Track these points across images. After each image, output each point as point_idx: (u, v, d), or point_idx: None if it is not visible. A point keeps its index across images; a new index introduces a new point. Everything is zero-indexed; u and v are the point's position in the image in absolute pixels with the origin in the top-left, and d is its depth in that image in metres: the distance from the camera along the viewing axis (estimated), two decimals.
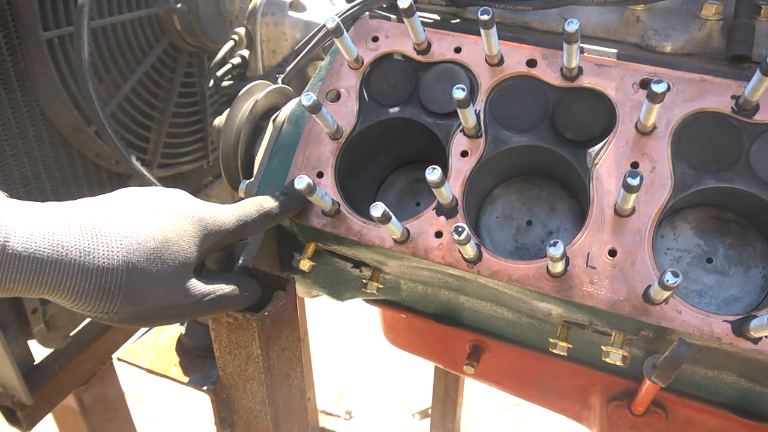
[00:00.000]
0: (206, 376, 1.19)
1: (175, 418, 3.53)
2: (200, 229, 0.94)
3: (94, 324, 1.73)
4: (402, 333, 1.61)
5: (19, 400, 1.50)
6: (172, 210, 0.92)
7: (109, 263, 0.83)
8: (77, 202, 0.88)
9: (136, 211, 0.89)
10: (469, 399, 3.42)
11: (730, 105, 0.99)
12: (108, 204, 0.89)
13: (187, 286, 0.91)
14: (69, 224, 0.82)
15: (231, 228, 0.98)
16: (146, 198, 0.93)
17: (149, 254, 0.86)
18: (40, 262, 0.78)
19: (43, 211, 0.82)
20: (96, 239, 0.83)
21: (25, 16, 1.38)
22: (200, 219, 0.94)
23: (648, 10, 1.14)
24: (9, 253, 0.75)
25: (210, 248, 0.97)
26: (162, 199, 0.93)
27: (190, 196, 0.98)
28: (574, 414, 1.45)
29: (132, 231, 0.86)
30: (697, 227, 1.08)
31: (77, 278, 0.81)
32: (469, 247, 0.97)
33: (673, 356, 0.87)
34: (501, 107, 1.09)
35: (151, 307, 0.88)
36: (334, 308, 4.00)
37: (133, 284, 0.85)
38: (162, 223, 0.89)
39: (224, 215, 0.98)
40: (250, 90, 1.30)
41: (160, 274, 0.87)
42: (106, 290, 0.83)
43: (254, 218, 1.02)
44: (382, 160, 1.26)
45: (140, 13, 1.68)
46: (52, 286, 0.80)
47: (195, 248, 0.92)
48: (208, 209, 0.97)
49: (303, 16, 1.47)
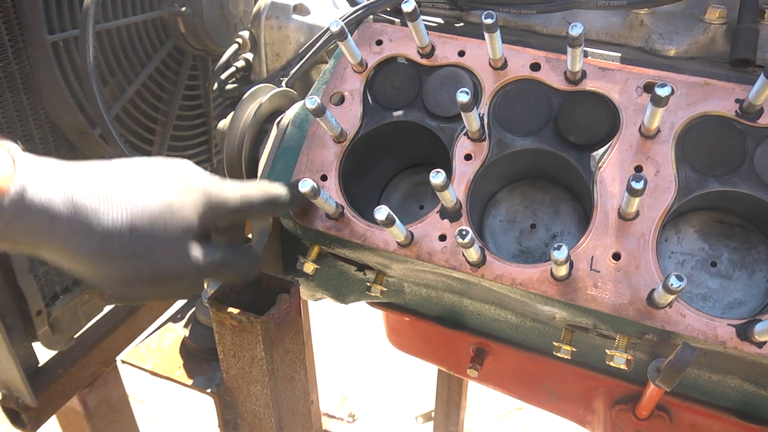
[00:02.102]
0: (210, 378, 1.19)
1: (178, 420, 3.53)
2: (204, 199, 0.96)
3: (99, 326, 1.73)
4: (405, 336, 1.61)
5: (24, 402, 1.50)
6: (178, 179, 0.95)
7: (114, 226, 0.85)
8: (89, 163, 0.90)
9: (144, 177, 0.92)
10: (472, 402, 3.41)
11: (734, 109, 0.99)
12: (118, 169, 0.91)
13: (189, 252, 0.93)
14: (82, 183, 0.84)
15: (235, 205, 1.00)
16: (154, 166, 0.95)
17: (153, 219, 0.89)
18: (53, 217, 0.80)
19: (58, 167, 0.84)
20: (105, 201, 0.85)
21: (30, 20, 1.39)
22: (204, 191, 0.97)
23: (652, 13, 1.14)
24: (26, 203, 0.77)
25: (212, 221, 0.99)
26: (169, 168, 0.96)
27: (198, 168, 1.00)
28: (577, 418, 1.44)
29: (138, 196, 0.89)
30: (701, 231, 1.08)
31: (84, 236, 0.83)
32: (473, 250, 0.97)
33: (678, 360, 0.87)
34: (505, 111, 1.10)
35: (152, 272, 0.90)
36: (338, 311, 3.99)
37: (136, 247, 0.87)
38: (167, 191, 0.92)
39: (229, 191, 1.00)
40: (254, 93, 1.31)
41: (162, 239, 0.90)
42: (109, 251, 0.85)
43: (259, 201, 1.03)
44: (385, 164, 1.26)
45: (144, 17, 1.68)
46: (59, 242, 0.82)
47: (196, 217, 0.95)
48: (213, 183, 0.99)
49: (307, 20, 1.47)
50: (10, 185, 0.76)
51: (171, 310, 1.54)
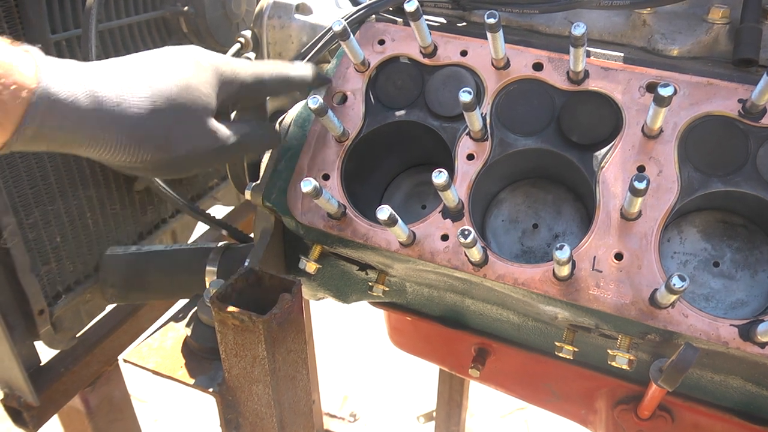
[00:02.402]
0: (212, 378, 1.19)
1: (180, 420, 3.53)
2: (217, 75, 1.00)
3: (101, 326, 1.73)
4: (407, 336, 1.61)
5: (26, 401, 1.50)
6: (191, 61, 0.99)
7: (138, 112, 0.89)
8: (103, 61, 0.94)
9: (159, 64, 0.96)
10: (474, 402, 3.41)
11: (737, 109, 0.99)
12: (131, 61, 0.96)
13: (211, 129, 0.98)
14: (101, 76, 0.88)
15: (247, 79, 1.04)
16: (167, 53, 0.99)
17: (172, 101, 0.93)
18: (80, 111, 0.84)
19: (77, 65, 0.87)
20: (126, 90, 0.89)
21: (33, 19, 1.39)
22: (216, 67, 1.01)
23: (654, 13, 1.14)
24: (53, 99, 0.81)
25: (229, 97, 1.03)
26: (181, 52, 1.00)
27: (207, 50, 1.04)
28: (579, 418, 1.44)
29: (155, 81, 0.93)
30: (703, 231, 1.08)
31: (112, 128, 0.87)
32: (475, 250, 0.97)
33: (680, 360, 0.87)
34: (507, 110, 1.09)
35: (181, 152, 0.94)
36: (339, 311, 4.00)
37: (161, 130, 0.91)
38: (182, 72, 0.96)
39: (240, 67, 1.04)
40: None
41: (185, 119, 0.94)
42: (138, 138, 0.90)
43: (272, 76, 1.07)
44: (388, 163, 1.26)
45: (147, 16, 1.68)
46: (90, 136, 0.86)
47: (213, 93, 0.99)
48: (224, 60, 1.04)
49: (309, 19, 1.47)
50: (37, 86, 0.80)
51: (173, 309, 1.54)
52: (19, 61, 0.80)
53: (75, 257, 1.59)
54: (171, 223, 1.91)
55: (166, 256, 1.47)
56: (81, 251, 1.61)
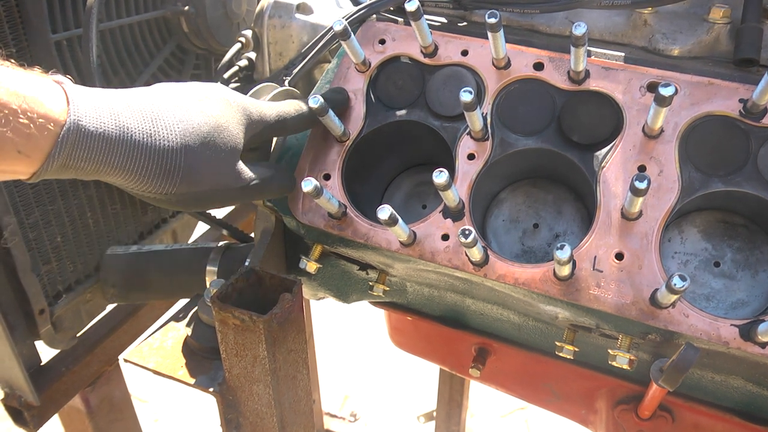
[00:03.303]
0: (212, 377, 1.19)
1: (180, 419, 3.53)
2: (245, 116, 1.01)
3: (101, 325, 1.73)
4: (408, 335, 1.61)
5: (26, 401, 1.50)
6: (219, 98, 0.99)
7: (169, 145, 0.90)
8: (134, 90, 0.94)
9: (188, 98, 0.96)
10: (474, 402, 3.41)
11: (738, 108, 0.99)
12: (163, 92, 0.96)
13: (237, 169, 0.99)
14: (132, 109, 0.88)
15: (272, 120, 1.05)
16: (194, 88, 0.99)
17: (204, 138, 0.93)
18: (109, 141, 0.84)
19: (107, 96, 0.88)
20: (156, 123, 0.89)
21: (34, 19, 1.39)
22: (245, 107, 1.01)
23: (655, 13, 1.14)
24: (83, 132, 0.82)
25: (253, 137, 1.03)
26: (209, 89, 1.00)
27: (232, 90, 1.05)
28: (579, 418, 1.44)
29: (187, 116, 0.93)
30: (704, 231, 1.08)
31: (141, 159, 0.88)
32: (476, 250, 0.97)
33: (681, 360, 0.87)
34: (508, 110, 1.09)
35: (206, 189, 0.95)
36: (340, 310, 4.00)
37: (190, 166, 0.92)
38: (212, 109, 0.96)
39: (266, 107, 1.05)
40: (257, 92, 1.30)
41: (214, 158, 0.95)
42: (166, 171, 0.90)
43: (293, 115, 1.08)
44: (388, 163, 1.26)
45: (148, 16, 1.68)
46: (119, 166, 0.87)
47: (242, 134, 1.00)
48: (250, 100, 1.04)
49: (310, 19, 1.47)
50: (67, 118, 0.81)
51: (173, 309, 1.54)
52: (47, 94, 0.80)
53: (75, 257, 1.59)
54: (171, 222, 1.91)
55: (167, 255, 1.47)
56: (81, 251, 1.61)
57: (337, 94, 1.16)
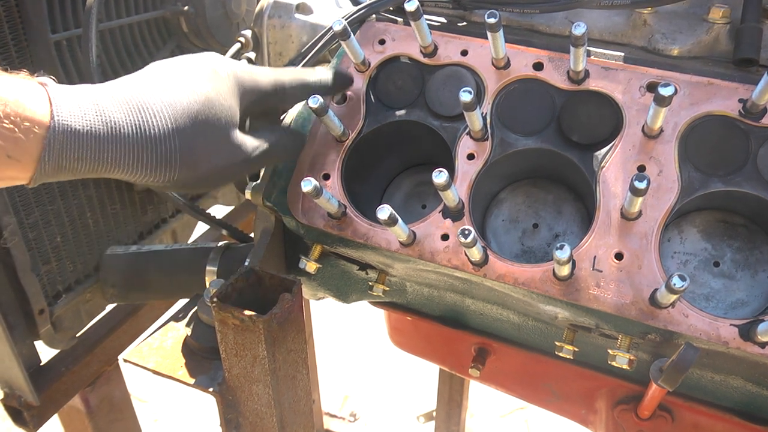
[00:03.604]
0: (212, 377, 1.19)
1: (180, 419, 3.53)
2: (237, 85, 0.97)
3: (101, 325, 1.73)
4: (407, 335, 1.61)
5: (26, 401, 1.50)
6: (208, 71, 0.95)
7: (160, 132, 0.87)
8: (119, 80, 0.92)
9: (175, 78, 0.93)
10: (474, 402, 3.41)
11: (738, 108, 0.99)
12: (147, 77, 0.93)
13: (236, 143, 0.96)
14: (117, 101, 0.86)
15: (267, 87, 1.02)
16: (181, 65, 0.96)
17: (195, 117, 0.90)
18: (98, 138, 0.83)
19: (92, 92, 0.86)
20: (144, 112, 0.87)
21: (34, 19, 1.39)
22: (236, 76, 0.98)
23: (655, 13, 1.14)
24: (69, 132, 0.80)
25: (250, 106, 1.00)
26: (196, 63, 0.97)
27: (223, 57, 1.01)
28: (579, 418, 1.44)
29: (174, 98, 0.90)
30: (704, 231, 1.08)
31: (134, 151, 0.86)
32: (476, 250, 0.97)
33: (680, 360, 0.87)
34: (508, 110, 1.09)
35: (208, 169, 0.93)
36: (339, 310, 4.00)
37: (186, 149, 0.89)
38: (200, 85, 0.93)
39: (260, 74, 1.02)
40: None
41: (209, 135, 0.92)
42: (162, 159, 0.88)
43: (291, 83, 1.05)
44: (388, 163, 1.26)
45: (147, 16, 1.68)
46: (113, 162, 0.85)
47: (236, 104, 0.96)
48: (242, 67, 1.00)
49: (310, 19, 1.47)
50: (49, 120, 0.79)
51: (173, 309, 1.54)
52: (30, 97, 0.79)
53: (75, 257, 1.59)
54: (171, 222, 1.91)
55: (166, 255, 1.47)
56: (81, 251, 1.61)
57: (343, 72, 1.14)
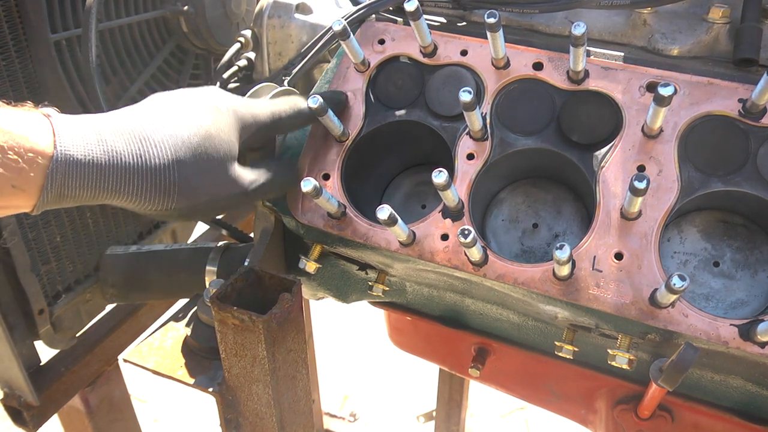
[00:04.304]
0: (212, 377, 1.19)
1: (180, 419, 3.53)
2: (236, 120, 1.00)
3: (101, 325, 1.73)
4: (407, 335, 1.61)
5: (26, 401, 1.50)
6: (209, 106, 0.98)
7: (161, 163, 0.90)
8: (121, 111, 0.94)
9: (176, 111, 0.95)
10: (473, 402, 3.41)
11: (737, 108, 0.99)
12: (149, 109, 0.95)
13: (234, 176, 0.99)
14: (119, 131, 0.89)
15: (266, 120, 1.05)
16: (182, 98, 0.99)
17: (195, 150, 0.93)
18: (100, 167, 0.85)
19: (94, 122, 0.89)
20: (145, 142, 0.90)
21: (33, 19, 1.39)
22: (235, 111, 1.01)
23: (655, 13, 1.14)
24: (72, 161, 0.83)
25: (248, 139, 1.03)
26: (198, 97, 1.00)
27: (223, 91, 1.04)
28: (579, 417, 1.44)
29: (176, 131, 0.93)
30: (704, 231, 1.08)
31: (134, 180, 0.89)
32: (475, 250, 0.97)
33: (680, 360, 0.87)
34: (507, 110, 1.09)
35: (205, 200, 0.96)
36: (339, 310, 4.00)
37: (185, 180, 0.92)
38: (201, 119, 0.96)
39: (258, 108, 1.05)
40: (257, 92, 1.30)
41: (208, 168, 0.95)
42: (162, 188, 0.91)
43: (288, 114, 1.07)
44: (388, 163, 1.26)
45: (147, 16, 1.68)
46: (113, 190, 0.88)
47: (236, 139, 0.99)
48: (241, 102, 1.03)
49: (309, 19, 1.47)
50: (54, 151, 0.82)
51: (173, 309, 1.54)
52: (34, 128, 0.82)
53: (75, 257, 1.59)
54: (171, 222, 1.91)
55: (166, 255, 1.47)
56: (81, 251, 1.61)
57: (336, 95, 1.16)
